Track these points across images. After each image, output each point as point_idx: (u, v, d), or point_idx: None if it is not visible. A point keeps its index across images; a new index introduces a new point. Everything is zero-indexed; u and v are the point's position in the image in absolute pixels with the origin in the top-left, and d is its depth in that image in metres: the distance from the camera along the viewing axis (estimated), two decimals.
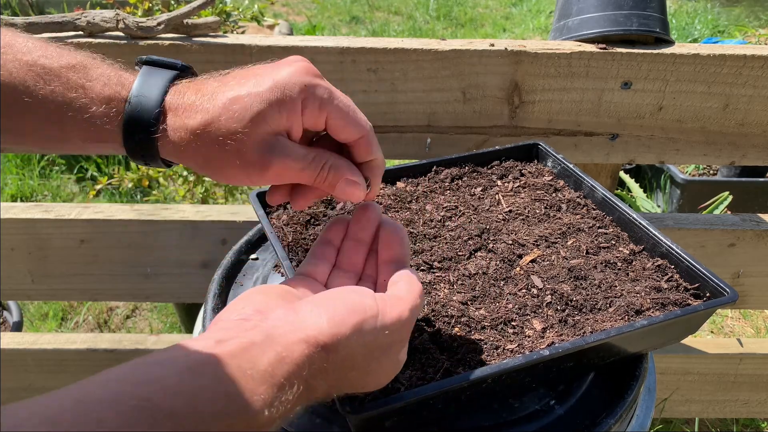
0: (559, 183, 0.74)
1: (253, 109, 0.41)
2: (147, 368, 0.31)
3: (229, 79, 0.43)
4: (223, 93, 0.42)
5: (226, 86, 0.42)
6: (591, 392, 0.57)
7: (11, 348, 1.05)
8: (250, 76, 0.43)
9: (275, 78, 0.42)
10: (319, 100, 0.42)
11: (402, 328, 0.40)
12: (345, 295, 0.40)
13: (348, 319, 0.37)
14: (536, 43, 0.84)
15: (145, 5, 1.26)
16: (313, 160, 0.43)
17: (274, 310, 0.38)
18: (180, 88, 0.43)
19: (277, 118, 0.41)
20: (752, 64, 0.83)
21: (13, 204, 0.94)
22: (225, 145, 0.41)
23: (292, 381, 0.34)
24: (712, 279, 0.56)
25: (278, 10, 4.19)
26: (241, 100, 0.41)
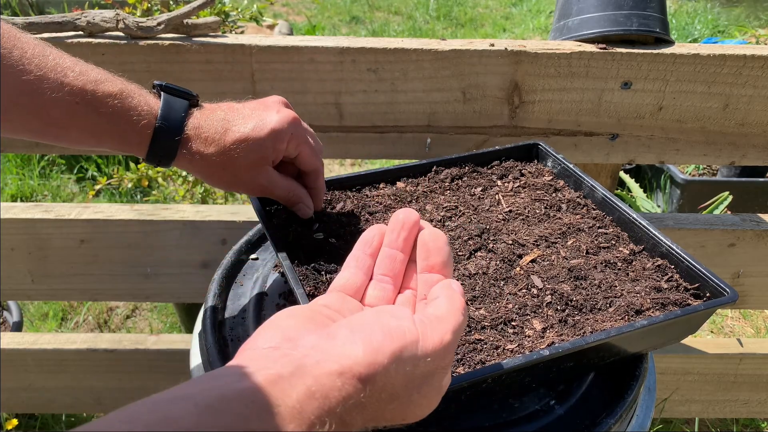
0: (559, 183, 0.74)
1: (254, 148, 0.57)
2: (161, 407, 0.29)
3: (234, 115, 0.58)
4: (231, 132, 0.57)
5: (233, 124, 0.57)
6: (591, 392, 0.57)
7: (11, 348, 1.05)
8: (251, 118, 0.57)
9: (273, 126, 0.57)
10: (296, 144, 0.60)
11: (445, 353, 0.37)
12: (382, 319, 0.37)
13: (386, 347, 0.34)
14: (536, 43, 0.84)
15: (144, 5, 1.26)
16: (286, 186, 0.61)
17: (305, 336, 0.35)
18: (196, 122, 0.57)
19: (268, 154, 0.58)
20: (752, 64, 0.83)
21: (13, 204, 0.94)
22: (226, 168, 0.57)
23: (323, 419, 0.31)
24: (712, 279, 0.56)
25: (278, 10, 4.19)
26: (247, 141, 0.57)
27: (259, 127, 0.56)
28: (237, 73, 0.83)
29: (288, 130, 0.58)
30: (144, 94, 0.56)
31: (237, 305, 0.67)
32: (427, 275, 0.43)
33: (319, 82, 0.84)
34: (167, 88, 0.57)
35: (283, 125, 0.57)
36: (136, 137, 0.55)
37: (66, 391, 1.11)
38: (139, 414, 0.28)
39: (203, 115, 0.57)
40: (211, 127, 0.57)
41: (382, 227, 0.46)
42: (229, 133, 0.56)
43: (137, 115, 0.54)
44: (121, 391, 1.12)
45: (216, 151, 0.56)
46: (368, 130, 0.89)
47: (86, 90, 0.52)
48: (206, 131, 0.56)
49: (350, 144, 0.90)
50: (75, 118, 0.52)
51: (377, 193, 0.72)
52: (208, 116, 0.57)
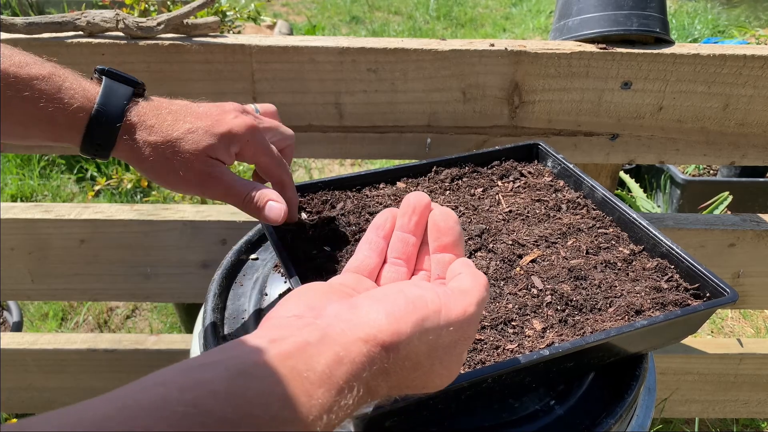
0: (559, 183, 0.74)
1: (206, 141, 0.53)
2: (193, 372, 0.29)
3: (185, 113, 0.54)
4: (183, 122, 0.53)
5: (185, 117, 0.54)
6: (591, 392, 0.57)
7: (11, 348, 1.05)
8: (206, 117, 0.54)
9: (230, 126, 0.54)
10: (253, 151, 0.56)
11: (467, 324, 0.37)
12: (405, 289, 0.37)
13: (409, 316, 0.35)
14: (536, 43, 0.84)
15: (141, 6, 1.26)
16: (243, 184, 0.55)
17: (328, 306, 0.36)
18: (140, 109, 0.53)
19: (219, 152, 0.54)
20: (752, 64, 0.83)
21: (13, 204, 0.94)
22: (173, 160, 0.52)
23: (351, 384, 0.32)
24: (712, 279, 0.56)
25: (278, 9, 4.19)
26: (198, 132, 0.53)
27: (213, 125, 0.54)
28: (237, 73, 0.83)
29: (244, 135, 0.55)
30: (79, 78, 0.52)
31: (237, 305, 0.67)
32: (439, 255, 0.43)
33: (319, 82, 0.84)
34: (110, 73, 0.53)
35: (239, 129, 0.54)
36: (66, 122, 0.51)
37: (66, 391, 1.11)
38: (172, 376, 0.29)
39: (150, 106, 0.54)
40: (159, 117, 0.53)
41: (394, 211, 0.46)
42: (179, 124, 0.53)
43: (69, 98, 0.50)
44: None
45: (162, 140, 0.52)
46: (368, 130, 0.89)
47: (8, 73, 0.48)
48: (152, 120, 0.53)
49: (350, 144, 0.90)
50: None
51: (377, 193, 0.72)
52: (156, 107, 0.54)
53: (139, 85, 0.55)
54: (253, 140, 0.55)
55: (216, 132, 0.53)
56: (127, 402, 0.27)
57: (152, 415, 0.26)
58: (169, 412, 0.26)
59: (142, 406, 0.27)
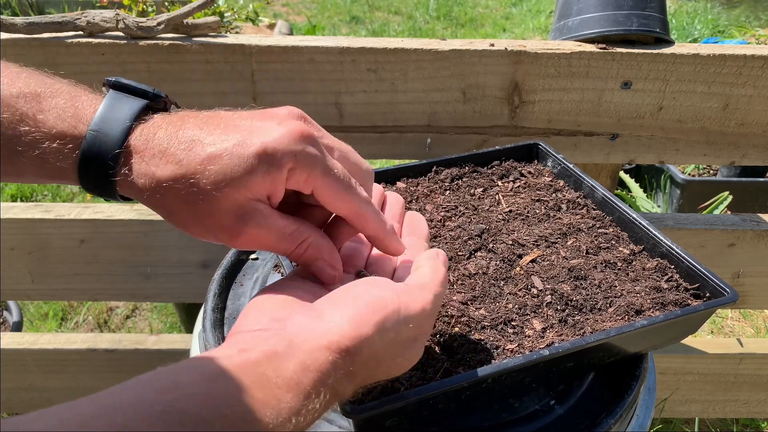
0: (559, 183, 0.74)
1: (233, 173, 0.36)
2: (169, 376, 0.31)
3: (212, 126, 0.38)
4: (201, 145, 0.36)
5: (208, 135, 0.37)
6: (591, 392, 0.57)
7: (11, 348, 1.05)
8: (237, 129, 0.37)
9: (264, 140, 0.36)
10: (307, 173, 0.38)
11: (426, 319, 0.39)
12: (364, 291, 0.38)
13: (370, 318, 0.36)
14: (536, 43, 0.84)
15: (139, 7, 1.25)
16: (290, 235, 0.39)
17: (291, 316, 0.36)
18: (150, 127, 0.38)
19: (258, 185, 0.37)
20: (752, 64, 0.83)
21: (13, 204, 0.94)
22: (195, 204, 0.37)
23: (318, 389, 0.33)
24: (712, 279, 0.56)
25: (278, 10, 4.19)
26: (221, 160, 0.36)
27: (245, 143, 0.36)
28: (237, 73, 0.83)
29: (290, 150, 0.37)
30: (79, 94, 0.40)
31: (237, 305, 0.67)
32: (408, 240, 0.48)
33: (319, 82, 0.84)
34: (117, 84, 0.40)
35: (280, 142, 0.36)
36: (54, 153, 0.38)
37: (66, 391, 1.11)
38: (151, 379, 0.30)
39: (167, 122, 0.38)
40: (173, 137, 0.37)
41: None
42: (197, 148, 0.36)
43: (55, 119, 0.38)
44: None
45: (172, 175, 0.36)
46: (368, 130, 0.89)
47: None
48: (162, 142, 0.37)
49: (350, 144, 0.90)
50: None
51: None
52: (173, 123, 0.38)
53: (153, 96, 0.41)
54: (303, 157, 0.37)
55: (246, 154, 0.36)
56: (108, 401, 0.28)
57: (134, 415, 0.27)
58: (149, 412, 0.28)
59: (124, 406, 0.28)
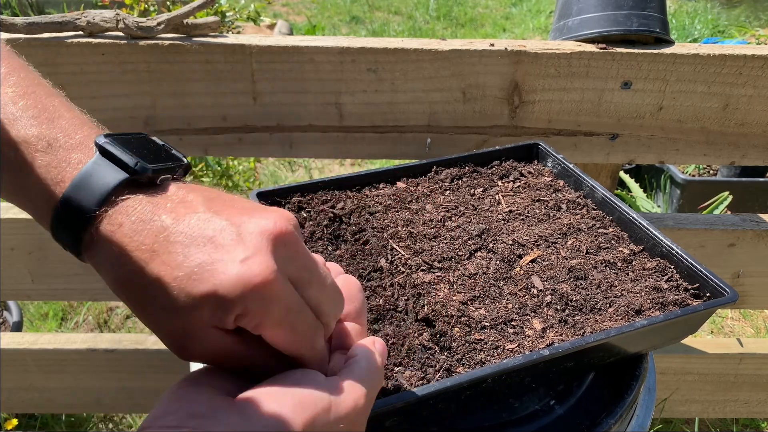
0: (559, 183, 0.74)
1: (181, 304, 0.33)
2: None
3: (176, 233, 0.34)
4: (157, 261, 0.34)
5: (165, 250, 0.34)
6: (591, 392, 0.57)
7: (11, 348, 1.05)
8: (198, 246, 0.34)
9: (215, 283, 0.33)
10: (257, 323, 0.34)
11: (358, 417, 0.36)
12: (292, 387, 0.35)
13: (297, 419, 0.33)
14: (536, 43, 0.84)
15: (141, 6, 1.26)
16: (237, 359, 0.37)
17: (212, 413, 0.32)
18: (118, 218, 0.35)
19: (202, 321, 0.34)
20: (752, 64, 0.83)
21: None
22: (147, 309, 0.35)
23: None
24: (712, 279, 0.56)
25: (278, 10, 4.19)
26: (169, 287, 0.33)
27: (197, 277, 0.33)
28: (237, 73, 0.83)
29: (239, 301, 0.33)
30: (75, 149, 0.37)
31: None
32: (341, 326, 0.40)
33: (319, 82, 0.84)
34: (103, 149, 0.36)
35: (233, 291, 0.33)
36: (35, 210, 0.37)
37: (66, 391, 1.11)
38: None
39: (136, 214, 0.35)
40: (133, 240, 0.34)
41: None
42: (154, 263, 0.34)
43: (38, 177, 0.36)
44: (121, 391, 1.12)
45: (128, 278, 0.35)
46: (368, 130, 0.89)
47: None
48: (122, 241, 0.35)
49: (350, 144, 0.90)
50: None
51: (377, 193, 0.72)
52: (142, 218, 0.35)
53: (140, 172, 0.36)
54: (253, 307, 0.34)
55: (194, 292, 0.33)
56: None
57: None
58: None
59: None
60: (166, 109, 0.86)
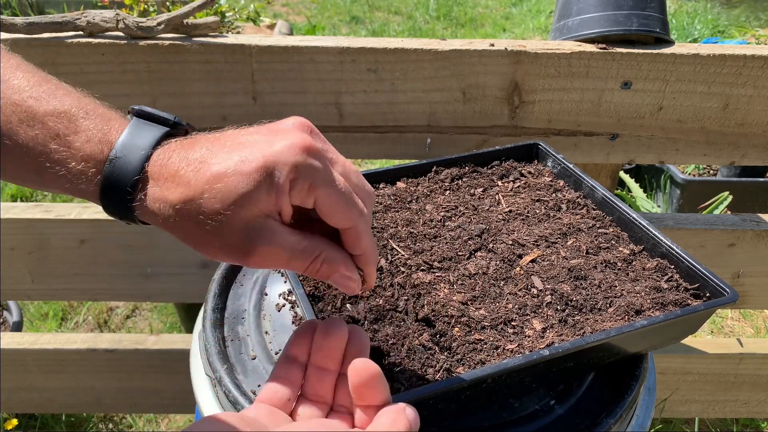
0: (559, 183, 0.74)
1: (237, 190, 0.36)
2: None
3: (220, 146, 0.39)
4: (208, 165, 0.37)
5: (215, 155, 0.38)
6: (591, 392, 0.57)
7: (11, 348, 1.05)
8: (242, 146, 0.38)
9: (265, 153, 0.37)
10: (309, 183, 0.38)
11: None
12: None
13: None
14: (536, 43, 0.84)
15: (141, 6, 1.26)
16: (303, 250, 0.39)
17: None
18: (166, 152, 0.39)
19: (264, 201, 0.37)
20: (752, 64, 0.83)
21: (13, 204, 0.94)
22: (205, 225, 0.37)
23: None
24: (712, 279, 0.56)
25: (278, 10, 4.19)
26: (226, 178, 0.36)
27: (247, 160, 0.37)
28: (237, 73, 0.83)
29: (291, 163, 0.37)
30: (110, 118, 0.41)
31: (237, 305, 0.67)
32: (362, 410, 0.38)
33: (319, 82, 0.84)
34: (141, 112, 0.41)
35: (284, 156, 0.37)
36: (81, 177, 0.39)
37: (66, 391, 1.11)
38: None
39: (181, 146, 0.39)
40: (182, 161, 0.38)
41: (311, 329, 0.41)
42: (204, 169, 0.37)
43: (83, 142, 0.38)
44: (121, 391, 1.12)
45: (182, 197, 0.37)
46: (368, 130, 0.89)
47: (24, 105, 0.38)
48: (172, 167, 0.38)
49: (350, 144, 0.90)
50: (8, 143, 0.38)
51: (377, 193, 0.72)
52: (186, 147, 0.39)
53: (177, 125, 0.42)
54: (305, 170, 0.37)
55: (248, 169, 0.37)
56: None
57: None
58: None
59: None
60: (166, 109, 0.85)
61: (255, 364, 0.59)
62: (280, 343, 0.61)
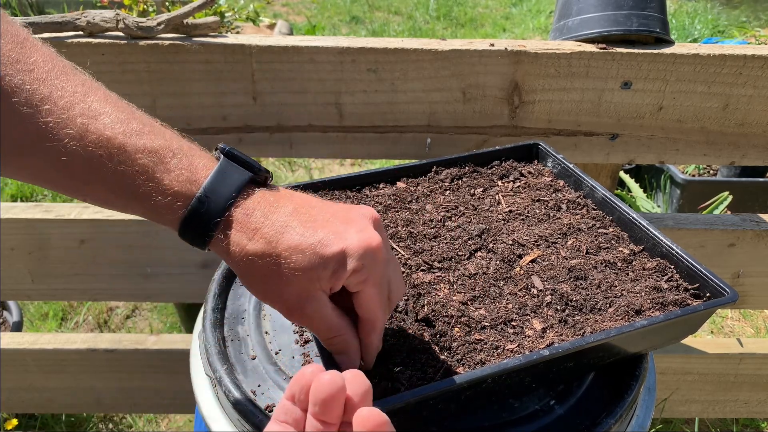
0: (559, 183, 0.74)
1: (311, 265, 0.43)
2: None
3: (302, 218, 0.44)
4: (290, 233, 0.43)
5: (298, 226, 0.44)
6: (591, 392, 0.57)
7: (11, 348, 1.05)
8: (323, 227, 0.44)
9: (343, 246, 0.43)
10: (364, 279, 0.44)
11: None
12: None
13: None
14: (536, 43, 0.84)
15: (141, 7, 1.26)
16: (333, 327, 0.46)
17: None
18: (250, 205, 0.44)
19: (326, 280, 0.44)
20: (752, 64, 0.83)
21: (13, 204, 0.94)
22: (270, 278, 0.44)
23: None
24: (712, 279, 0.56)
25: (278, 10, 4.19)
26: (305, 252, 0.43)
27: (327, 243, 0.43)
28: (237, 73, 0.83)
29: (361, 258, 0.43)
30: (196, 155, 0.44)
31: (237, 305, 0.67)
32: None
33: (319, 82, 0.84)
34: (230, 154, 0.45)
35: (356, 251, 0.43)
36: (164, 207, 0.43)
37: (66, 391, 1.11)
38: None
39: (263, 200, 0.45)
40: (268, 218, 0.44)
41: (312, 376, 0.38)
42: (287, 235, 0.43)
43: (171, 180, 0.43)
44: (121, 391, 1.12)
45: (261, 251, 0.43)
46: (368, 130, 0.89)
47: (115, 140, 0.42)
48: (258, 220, 0.43)
49: (350, 144, 0.90)
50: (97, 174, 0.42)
51: (377, 193, 0.72)
52: (270, 203, 0.44)
53: (259, 172, 0.46)
54: (366, 267, 0.44)
55: (326, 253, 0.43)
56: None
57: None
58: None
59: None
60: (166, 109, 0.86)
61: (255, 364, 0.59)
62: (280, 343, 0.61)
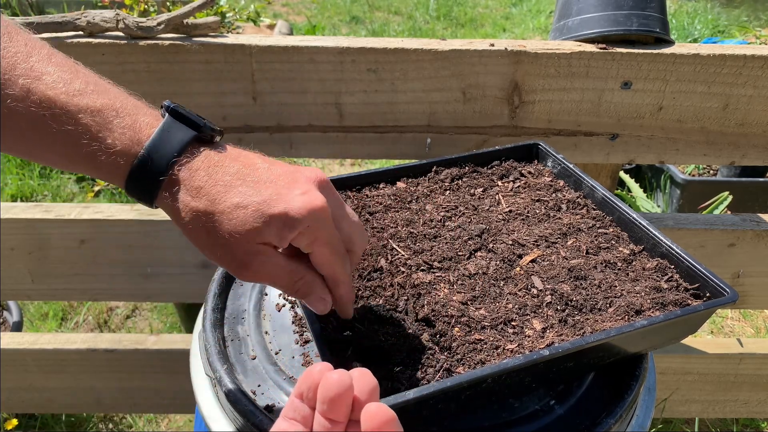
0: (559, 183, 0.74)
1: (254, 223, 0.43)
2: None
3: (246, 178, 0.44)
4: (233, 193, 0.44)
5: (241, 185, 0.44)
6: (591, 392, 0.57)
7: (11, 348, 1.05)
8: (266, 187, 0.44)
9: (286, 207, 0.44)
10: (312, 240, 0.45)
11: None
12: None
13: None
14: (536, 43, 0.84)
15: (141, 6, 1.26)
16: (290, 272, 0.47)
17: None
18: (194, 164, 0.44)
19: (271, 238, 0.44)
20: (752, 64, 0.83)
21: (13, 204, 0.94)
22: (215, 236, 0.44)
23: None
24: (712, 279, 0.56)
25: (278, 10, 4.19)
26: (246, 210, 0.43)
27: (270, 202, 0.44)
28: (237, 73, 0.83)
29: (305, 220, 0.44)
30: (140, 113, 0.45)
31: (237, 305, 0.67)
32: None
33: (319, 82, 0.84)
34: (175, 111, 0.45)
35: (300, 212, 0.44)
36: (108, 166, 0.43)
37: (66, 391, 1.11)
38: None
39: (208, 161, 0.45)
40: (211, 178, 0.44)
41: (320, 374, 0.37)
42: (230, 194, 0.43)
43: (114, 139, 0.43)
44: (121, 391, 1.12)
45: (204, 209, 0.43)
46: (368, 130, 0.89)
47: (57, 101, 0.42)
48: (201, 179, 0.44)
49: (350, 144, 0.90)
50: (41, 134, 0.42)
51: (377, 193, 0.72)
52: (213, 164, 0.45)
53: (204, 129, 0.46)
54: (313, 227, 0.45)
55: (268, 212, 0.43)
56: None
57: None
58: None
59: None
60: None
61: (255, 364, 0.59)
62: (280, 343, 0.61)
